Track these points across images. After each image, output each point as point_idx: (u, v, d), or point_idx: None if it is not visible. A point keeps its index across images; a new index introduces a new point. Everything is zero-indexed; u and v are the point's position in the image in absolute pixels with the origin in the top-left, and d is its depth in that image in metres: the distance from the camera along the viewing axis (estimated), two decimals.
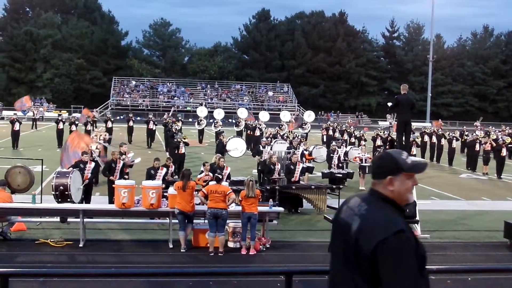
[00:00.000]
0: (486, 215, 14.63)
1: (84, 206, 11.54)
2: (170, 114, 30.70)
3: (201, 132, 32.37)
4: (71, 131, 27.58)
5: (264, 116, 33.96)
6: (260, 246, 10.37)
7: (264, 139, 20.25)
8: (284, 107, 57.98)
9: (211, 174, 12.27)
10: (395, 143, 13.84)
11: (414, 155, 18.58)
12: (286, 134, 27.11)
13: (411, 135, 15.43)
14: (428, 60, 67.23)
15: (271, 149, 17.53)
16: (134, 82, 65.35)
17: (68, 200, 11.25)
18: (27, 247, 10.08)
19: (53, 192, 11.25)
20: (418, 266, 2.56)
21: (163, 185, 11.63)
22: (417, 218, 11.02)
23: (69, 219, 10.69)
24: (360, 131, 31.93)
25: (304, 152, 18.18)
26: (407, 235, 2.56)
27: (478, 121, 38.02)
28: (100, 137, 20.10)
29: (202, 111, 34.79)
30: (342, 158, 18.31)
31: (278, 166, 14.27)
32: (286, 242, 11.14)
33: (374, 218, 2.63)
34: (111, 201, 12.00)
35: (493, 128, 41.99)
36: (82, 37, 67.55)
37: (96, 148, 15.80)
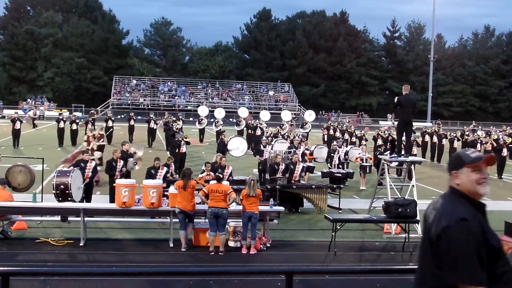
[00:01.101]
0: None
1: (85, 205, 11.55)
2: (166, 117, 30.71)
3: (202, 132, 32.38)
4: (72, 130, 27.77)
5: (265, 115, 33.93)
6: (261, 246, 10.37)
7: (265, 138, 20.23)
8: (285, 106, 57.95)
9: (212, 174, 12.26)
10: (396, 143, 13.81)
11: (415, 155, 18.55)
12: (286, 134, 27.08)
13: (412, 135, 15.39)
14: (429, 60, 67.08)
15: (271, 148, 17.51)
16: (135, 81, 65.34)
17: (69, 199, 11.27)
18: (28, 246, 10.08)
19: (54, 191, 11.27)
20: (484, 256, 2.70)
21: (164, 184, 11.63)
22: (418, 218, 10.99)
23: (69, 218, 10.71)
24: (361, 131, 31.91)
25: (306, 151, 18.18)
26: (468, 224, 2.74)
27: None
28: (97, 132, 20.21)
29: (203, 111, 34.72)
30: (342, 157, 18.30)
31: (282, 167, 14.24)
32: (286, 241, 11.13)
33: (443, 208, 2.89)
34: (111, 200, 12.00)
35: (494, 128, 42.00)
36: (83, 36, 67.54)
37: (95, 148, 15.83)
